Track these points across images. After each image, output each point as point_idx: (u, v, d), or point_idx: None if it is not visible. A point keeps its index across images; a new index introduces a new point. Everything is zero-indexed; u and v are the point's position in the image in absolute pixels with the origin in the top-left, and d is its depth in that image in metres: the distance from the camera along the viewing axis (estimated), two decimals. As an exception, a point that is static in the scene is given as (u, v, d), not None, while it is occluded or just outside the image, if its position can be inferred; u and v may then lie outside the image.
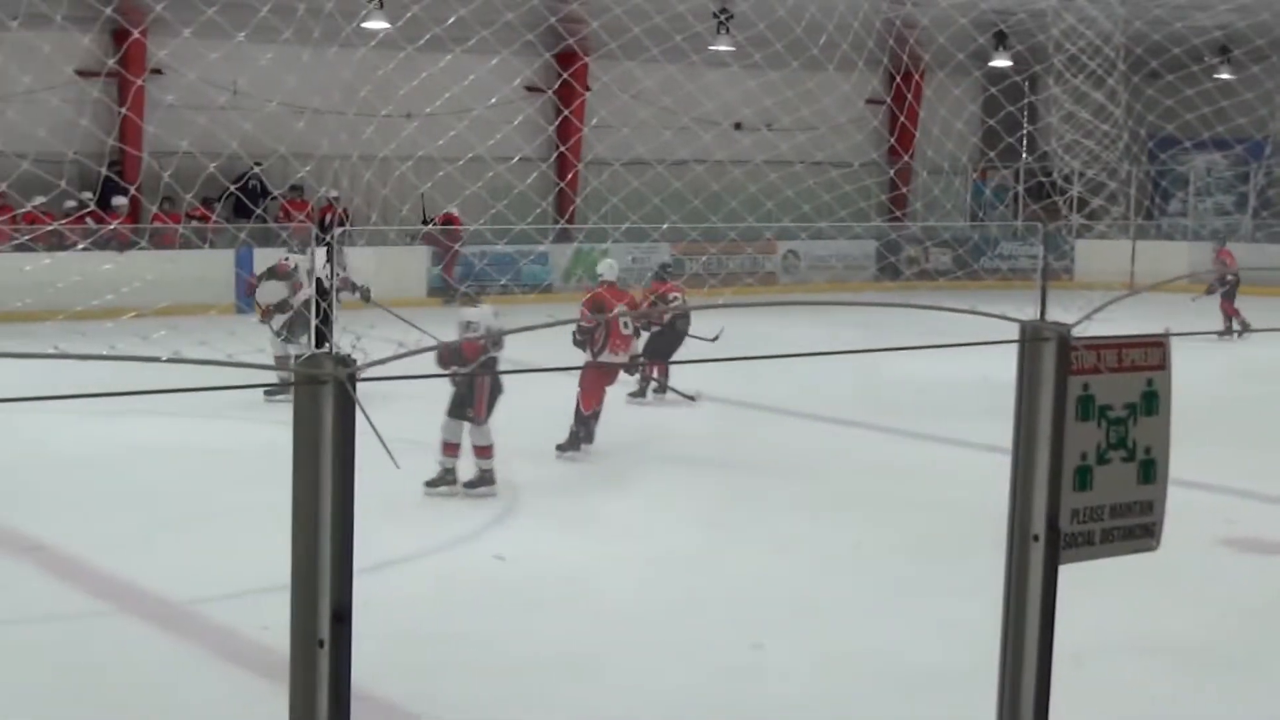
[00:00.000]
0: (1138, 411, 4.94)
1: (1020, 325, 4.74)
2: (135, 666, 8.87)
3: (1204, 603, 10.22)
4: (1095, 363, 4.80)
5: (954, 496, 12.97)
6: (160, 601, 10.09)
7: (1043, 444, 4.71)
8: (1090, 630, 8.52)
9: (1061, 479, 4.74)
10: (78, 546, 11.38)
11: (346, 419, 3.53)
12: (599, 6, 10.94)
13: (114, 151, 27.30)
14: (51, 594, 10.30)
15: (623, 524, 12.28)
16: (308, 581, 3.60)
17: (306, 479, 3.58)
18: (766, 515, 12.60)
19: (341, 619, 3.58)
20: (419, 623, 9.54)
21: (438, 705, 8.33)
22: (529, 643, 9.32)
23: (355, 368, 3.54)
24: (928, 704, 8.33)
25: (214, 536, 11.62)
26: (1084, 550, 4.89)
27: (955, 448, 15.67)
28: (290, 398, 3.49)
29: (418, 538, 11.48)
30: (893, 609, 10.18)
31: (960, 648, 8.64)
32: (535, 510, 12.86)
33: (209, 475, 13.96)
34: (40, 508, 12.58)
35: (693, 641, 9.40)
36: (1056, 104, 8.13)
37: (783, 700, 8.44)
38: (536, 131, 30.31)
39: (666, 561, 11.12)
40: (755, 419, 17.75)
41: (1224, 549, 11.59)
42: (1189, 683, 8.80)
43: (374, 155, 7.92)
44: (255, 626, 9.09)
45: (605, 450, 15.51)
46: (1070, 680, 5.52)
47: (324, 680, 3.60)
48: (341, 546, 3.57)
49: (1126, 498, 4.96)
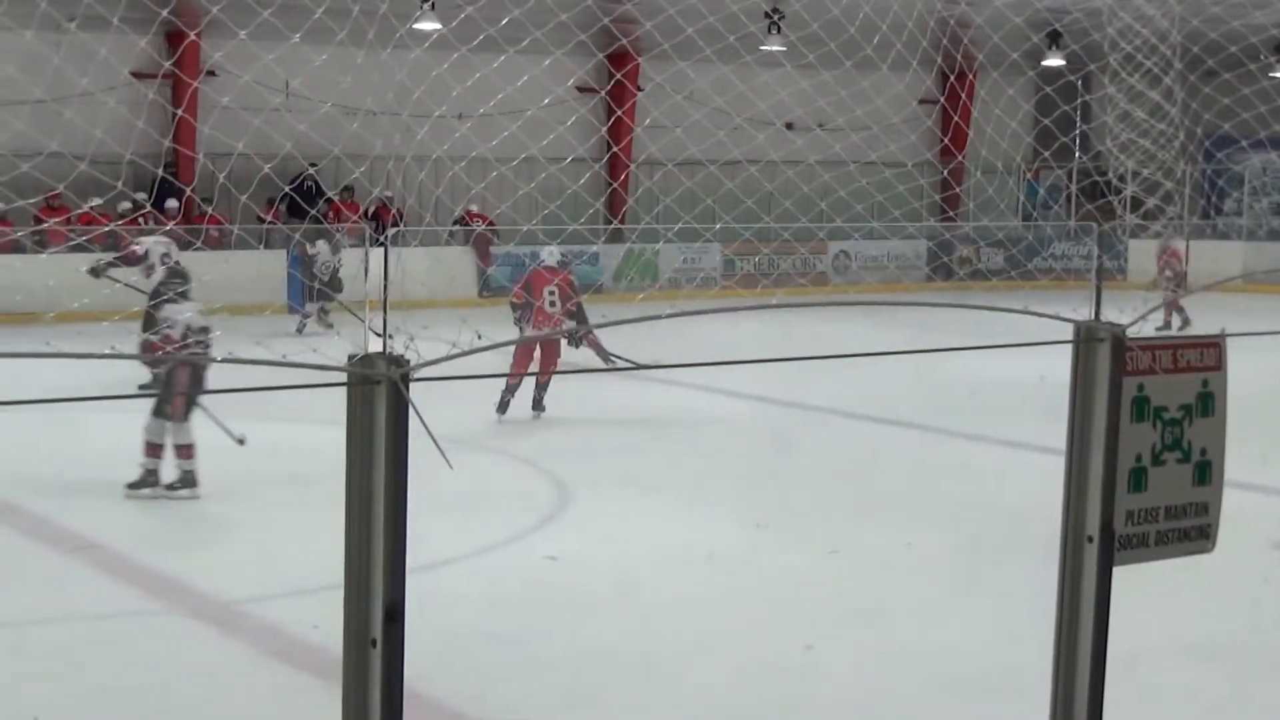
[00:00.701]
0: (1193, 412, 4.92)
1: (1075, 325, 4.72)
2: (186, 665, 8.92)
3: (1258, 606, 10.14)
4: (1150, 363, 4.78)
5: (1007, 498, 12.93)
6: (211, 600, 10.15)
7: (1097, 445, 4.69)
8: (1143, 633, 8.48)
9: (1116, 480, 4.72)
10: (129, 545, 11.46)
11: (400, 419, 3.55)
12: (652, 7, 10.94)
13: (169, 153, 27.48)
14: (102, 593, 10.36)
15: (673, 523, 12.27)
16: (360, 581, 3.61)
17: (360, 478, 3.59)
18: (817, 515, 12.58)
19: (394, 618, 3.59)
20: (470, 622, 9.56)
21: (488, 704, 8.35)
22: (579, 642, 9.34)
23: (409, 368, 3.55)
24: (980, 706, 8.29)
25: (264, 535, 11.69)
26: (1139, 552, 4.87)
27: (1009, 448, 15.61)
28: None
29: (469, 537, 11.50)
30: (945, 610, 10.14)
31: (1013, 650, 8.61)
32: (585, 510, 12.87)
33: (262, 475, 14.02)
34: (92, 506, 12.66)
35: (743, 641, 9.39)
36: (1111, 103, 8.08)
37: (833, 700, 8.42)
38: (589, 132, 30.37)
39: (716, 561, 11.11)
40: (807, 419, 17.72)
41: (1278, 552, 11.50)
42: (1242, 687, 8.74)
43: (427, 156, 7.92)
44: (305, 625, 9.13)
45: (655, 449, 15.52)
46: (1123, 683, 5.49)
47: (376, 679, 3.61)
48: (394, 546, 3.58)
49: (1181, 499, 4.94)
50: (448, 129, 7.82)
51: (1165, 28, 7.10)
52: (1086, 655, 4.74)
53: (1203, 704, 8.42)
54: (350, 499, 3.60)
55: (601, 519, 12.53)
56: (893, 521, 12.34)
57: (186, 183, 27.36)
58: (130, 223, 25.50)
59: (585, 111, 31.24)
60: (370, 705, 3.63)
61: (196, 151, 24.64)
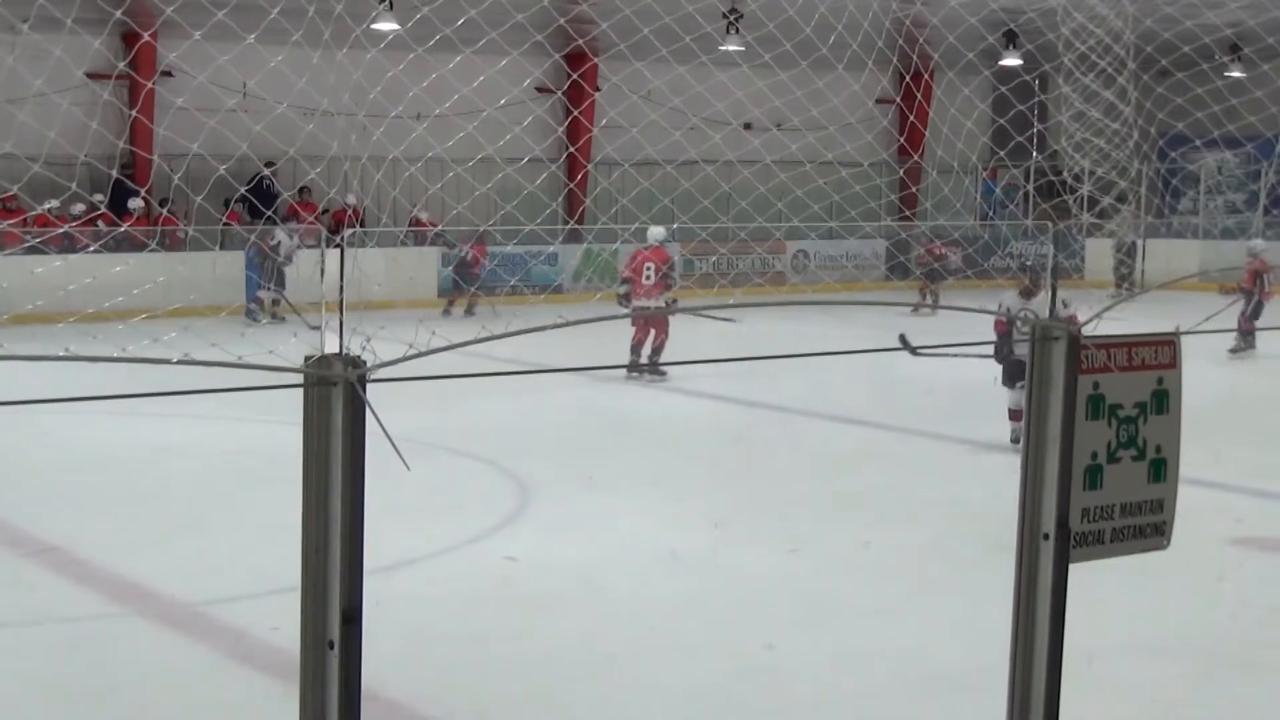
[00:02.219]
0: (1148, 410, 4.94)
1: (1031, 325, 4.75)
2: (147, 668, 8.89)
3: (1214, 602, 10.20)
4: (1105, 362, 4.81)
5: (966, 496, 12.97)
6: (172, 603, 10.10)
7: (1053, 443, 4.71)
8: (1100, 629, 8.52)
9: (1072, 478, 4.74)
10: (89, 548, 11.39)
11: (357, 420, 3.54)
12: (608, 7, 10.93)
13: (124, 154, 27.35)
14: (64, 596, 10.31)
15: (633, 523, 12.27)
16: (318, 583, 3.61)
17: (316, 480, 3.59)
18: (778, 515, 12.60)
19: (351, 620, 3.59)
20: (430, 623, 9.54)
21: (448, 706, 8.34)
22: (540, 643, 9.33)
23: (365, 369, 3.55)
24: (940, 703, 8.32)
25: (225, 538, 11.64)
26: (1094, 549, 4.89)
27: (966, 447, 15.67)
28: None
29: (428, 538, 11.48)
30: (904, 609, 10.17)
31: (971, 647, 8.65)
32: (546, 510, 12.86)
33: (220, 477, 13.98)
34: (52, 509, 12.60)
35: (705, 641, 9.40)
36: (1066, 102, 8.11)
37: (796, 699, 8.44)
38: (546, 132, 30.29)
39: (678, 560, 11.12)
40: (767, 418, 17.74)
41: (1234, 548, 11.57)
42: (1199, 683, 8.79)
43: (384, 157, 7.91)
44: (266, 628, 9.11)
45: (616, 449, 15.52)
46: (1080, 679, 5.52)
47: (334, 681, 3.61)
48: (351, 548, 3.58)
49: (1137, 496, 4.97)
50: (404, 129, 7.80)
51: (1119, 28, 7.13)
52: (1043, 652, 4.76)
53: (1159, 700, 8.46)
54: (307, 500, 3.60)
55: (562, 519, 12.51)
56: (852, 520, 12.37)
57: (142, 184, 27.26)
58: (86, 224, 25.38)
59: (543, 112, 31.18)
60: (328, 707, 3.62)
61: (152, 152, 24.53)
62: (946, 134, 21.54)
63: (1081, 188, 8.25)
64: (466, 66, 8.01)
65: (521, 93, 27.83)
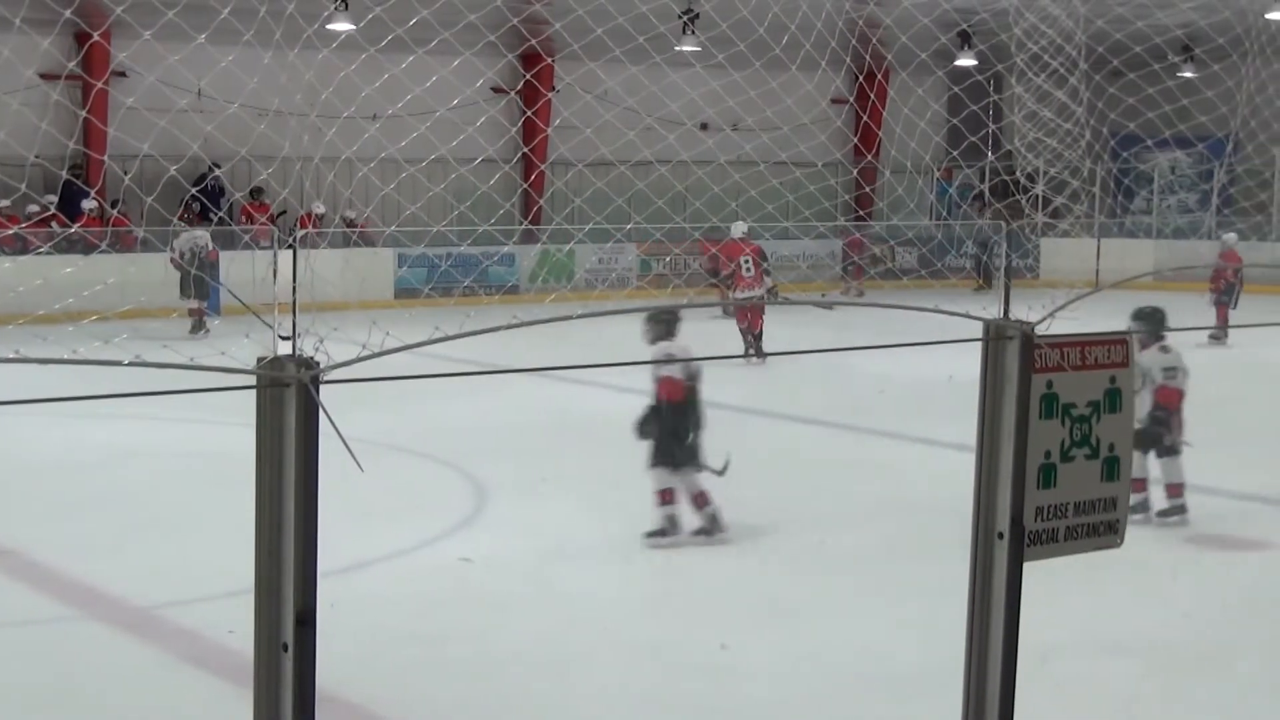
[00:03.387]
0: (1101, 409, 4.96)
1: (984, 324, 4.76)
2: (101, 671, 8.84)
3: (1169, 601, 10.26)
4: (1059, 361, 4.82)
5: (920, 495, 13.00)
6: (126, 606, 10.06)
7: (1007, 442, 4.73)
8: (1056, 628, 8.56)
9: (1026, 476, 4.75)
10: (43, 551, 11.33)
11: (310, 421, 3.52)
12: (562, 7, 10.92)
13: (76, 155, 27.17)
14: (18, 599, 10.24)
15: (588, 524, 12.27)
16: (271, 585, 3.59)
17: (269, 482, 3.57)
18: (732, 514, 12.59)
19: (305, 622, 3.57)
20: (385, 625, 9.52)
21: (404, 707, 8.32)
22: (496, 644, 9.32)
23: (318, 370, 3.53)
24: (895, 703, 8.34)
25: (180, 540, 11.58)
26: (1049, 548, 4.90)
27: (921, 446, 15.70)
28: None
29: (382, 540, 11.45)
30: (859, 608, 10.19)
31: (926, 647, 8.66)
32: (501, 511, 12.84)
33: (173, 479, 13.91)
34: (4, 513, 12.51)
35: (661, 641, 9.40)
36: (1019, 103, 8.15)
37: (751, 699, 8.45)
38: (500, 133, 30.23)
39: (633, 561, 11.12)
40: (720, 418, 17.72)
41: (1189, 546, 11.64)
42: (1155, 681, 8.83)
43: (337, 157, 7.89)
44: (221, 630, 9.06)
45: (570, 450, 15.51)
46: (1036, 679, 5.54)
47: (288, 683, 3.59)
48: (305, 550, 3.56)
49: (1090, 495, 4.98)
50: (357, 130, 7.77)
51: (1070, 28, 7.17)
52: (998, 651, 4.77)
53: (1114, 698, 8.49)
54: (260, 502, 3.58)
55: (517, 520, 12.50)
56: (806, 520, 12.39)
57: (94, 185, 27.09)
58: (38, 225, 25.24)
59: (496, 112, 31.11)
60: (282, 710, 3.60)
61: (104, 153, 24.38)
62: (900, 134, 21.57)
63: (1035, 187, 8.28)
64: (420, 67, 8.00)
65: (475, 93, 27.74)
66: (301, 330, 3.79)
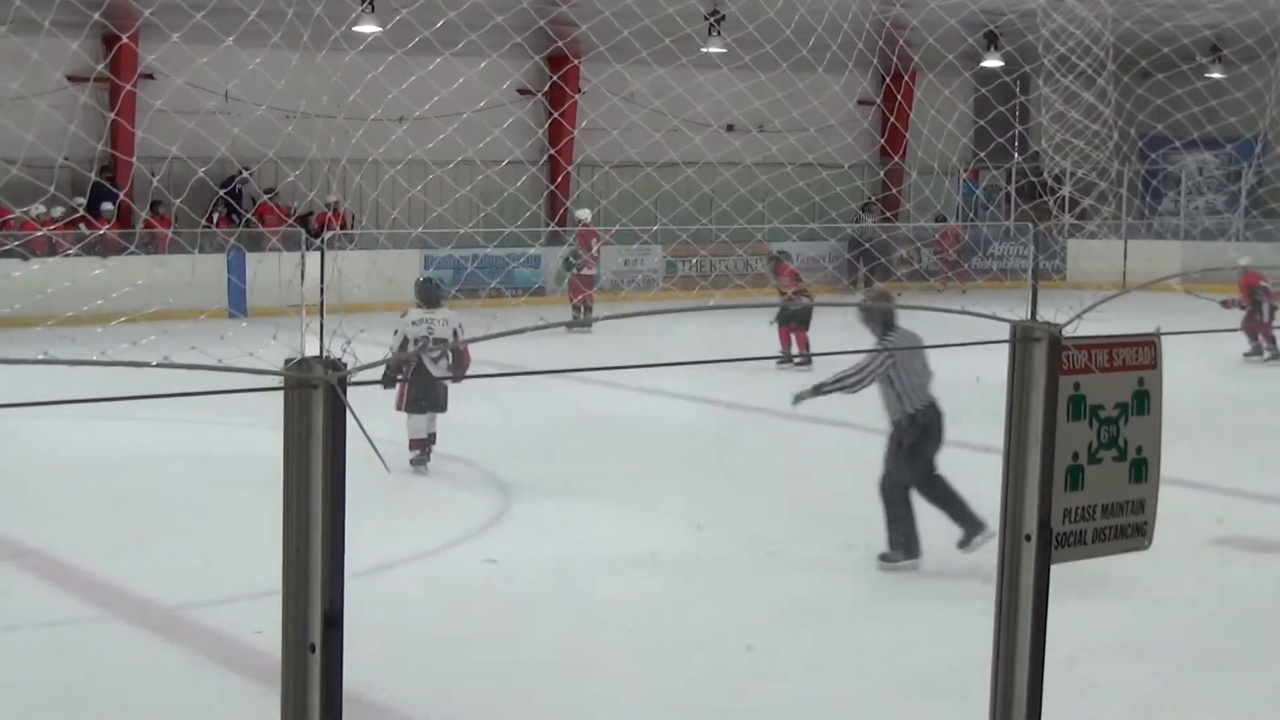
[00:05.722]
0: (1129, 411, 4.95)
1: (1011, 325, 4.74)
2: (127, 671, 8.86)
3: (1195, 603, 10.22)
4: (1086, 362, 4.81)
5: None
6: (152, 607, 10.08)
7: (1034, 444, 4.71)
8: (1082, 630, 8.54)
9: (1053, 479, 4.74)
10: (69, 552, 11.36)
11: (337, 423, 3.53)
12: (589, 9, 10.92)
13: (104, 157, 27.26)
14: (43, 600, 10.27)
15: (613, 526, 12.26)
16: (299, 586, 3.59)
17: (297, 483, 3.57)
18: (757, 516, 12.59)
19: (333, 623, 3.57)
20: (411, 626, 9.53)
21: (430, 708, 8.33)
22: (521, 645, 9.32)
23: (345, 372, 3.53)
24: (920, 705, 8.32)
25: (206, 541, 11.61)
26: (1076, 550, 4.89)
27: (947, 448, 15.65)
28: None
29: (409, 541, 11.46)
30: (885, 610, 10.18)
31: (952, 648, 8.65)
32: (526, 513, 12.84)
33: (200, 480, 13.94)
34: (31, 513, 12.56)
35: (685, 643, 9.40)
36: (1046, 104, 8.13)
37: (775, 701, 8.44)
38: (527, 134, 30.27)
39: (658, 563, 11.11)
40: (747, 420, 17.73)
41: (1214, 549, 11.59)
42: (1180, 683, 8.80)
43: (364, 159, 7.91)
44: (248, 631, 9.08)
45: (595, 451, 15.51)
46: (1062, 680, 5.52)
47: (315, 685, 3.59)
48: (332, 550, 3.56)
49: (1118, 497, 4.97)
50: (385, 132, 7.78)
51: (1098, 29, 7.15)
52: (1025, 653, 4.76)
53: (1140, 701, 8.47)
54: (288, 503, 3.58)
55: (542, 522, 12.50)
56: (832, 522, 12.36)
57: (122, 187, 27.17)
58: (66, 227, 25.32)
59: (523, 114, 31.18)
60: (310, 710, 3.60)
61: (132, 155, 24.44)
62: (927, 135, 21.53)
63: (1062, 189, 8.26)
64: (447, 69, 8.01)
65: (502, 95, 27.82)
66: (329, 331, 3.80)
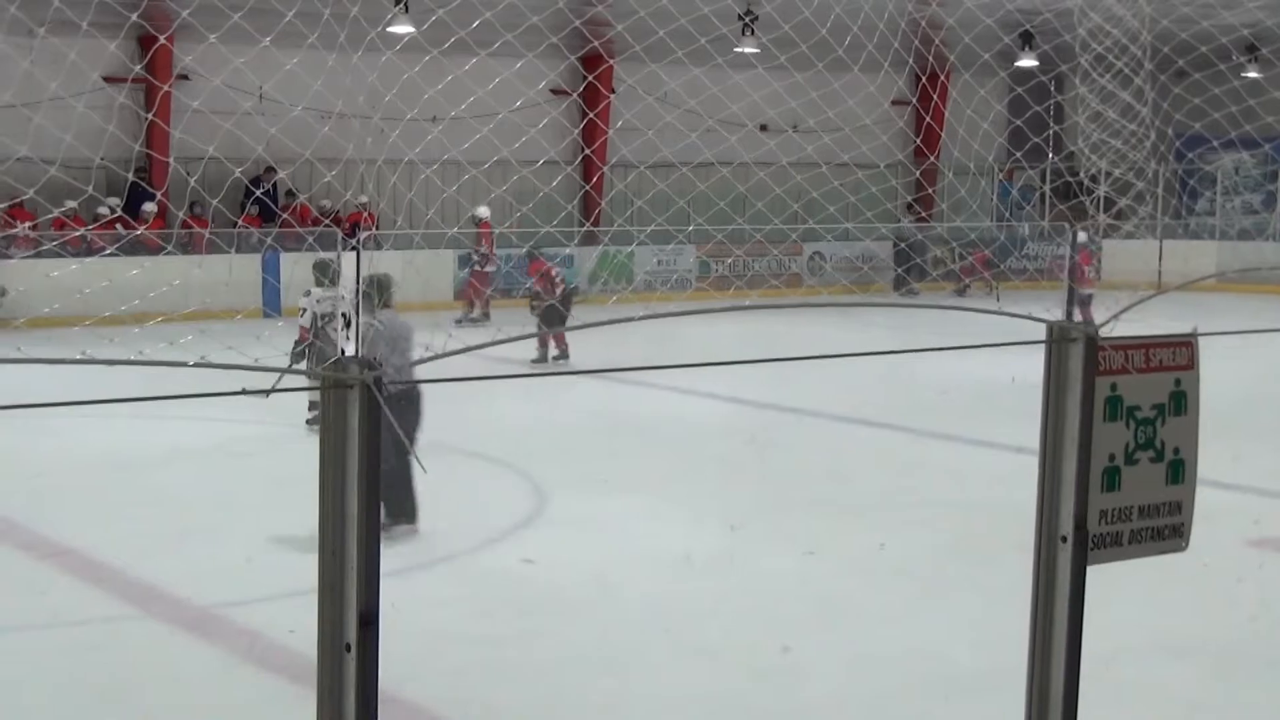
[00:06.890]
0: (1166, 412, 4.93)
1: (1047, 326, 4.73)
2: (161, 670, 8.89)
3: (1232, 604, 10.17)
4: (1123, 363, 4.79)
5: (982, 498, 12.94)
6: (187, 605, 10.11)
7: (1070, 445, 4.70)
8: (1118, 632, 8.51)
9: (1089, 480, 4.72)
10: (103, 551, 11.40)
11: (372, 423, 3.53)
12: (624, 9, 10.92)
13: (141, 157, 27.40)
14: (78, 598, 10.32)
15: (649, 526, 12.27)
16: (334, 585, 3.60)
17: (333, 482, 3.58)
18: (793, 516, 12.59)
19: (368, 623, 3.58)
20: (447, 625, 9.54)
21: (466, 708, 8.34)
22: (557, 645, 9.33)
23: (381, 371, 3.54)
24: (957, 706, 8.31)
25: (241, 540, 11.64)
26: (1112, 551, 4.88)
27: (983, 449, 15.64)
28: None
29: (446, 540, 11.48)
30: (921, 610, 10.16)
31: (989, 649, 8.63)
32: (562, 512, 12.85)
33: (236, 479, 13.99)
34: (68, 512, 12.62)
35: (721, 643, 9.39)
36: (1083, 103, 8.09)
37: (812, 702, 8.43)
38: (562, 134, 30.30)
39: (693, 563, 11.10)
40: (782, 420, 17.72)
41: (1252, 550, 11.54)
42: (1217, 685, 8.77)
43: (399, 159, 7.92)
44: (282, 630, 9.11)
45: (631, 451, 15.52)
46: (1098, 682, 5.50)
47: (351, 684, 3.60)
48: (368, 550, 3.57)
49: (1155, 498, 4.95)
50: (420, 132, 7.79)
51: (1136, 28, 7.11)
52: (1061, 654, 4.75)
53: (1178, 702, 8.44)
54: (324, 503, 3.59)
55: (578, 521, 12.51)
56: (868, 522, 12.35)
57: (158, 187, 27.30)
58: (104, 227, 25.44)
59: (558, 114, 31.18)
60: (345, 710, 3.61)
61: (169, 156, 24.56)
62: (962, 135, 21.50)
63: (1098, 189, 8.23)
64: (482, 69, 8.02)
65: (537, 95, 27.84)
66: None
